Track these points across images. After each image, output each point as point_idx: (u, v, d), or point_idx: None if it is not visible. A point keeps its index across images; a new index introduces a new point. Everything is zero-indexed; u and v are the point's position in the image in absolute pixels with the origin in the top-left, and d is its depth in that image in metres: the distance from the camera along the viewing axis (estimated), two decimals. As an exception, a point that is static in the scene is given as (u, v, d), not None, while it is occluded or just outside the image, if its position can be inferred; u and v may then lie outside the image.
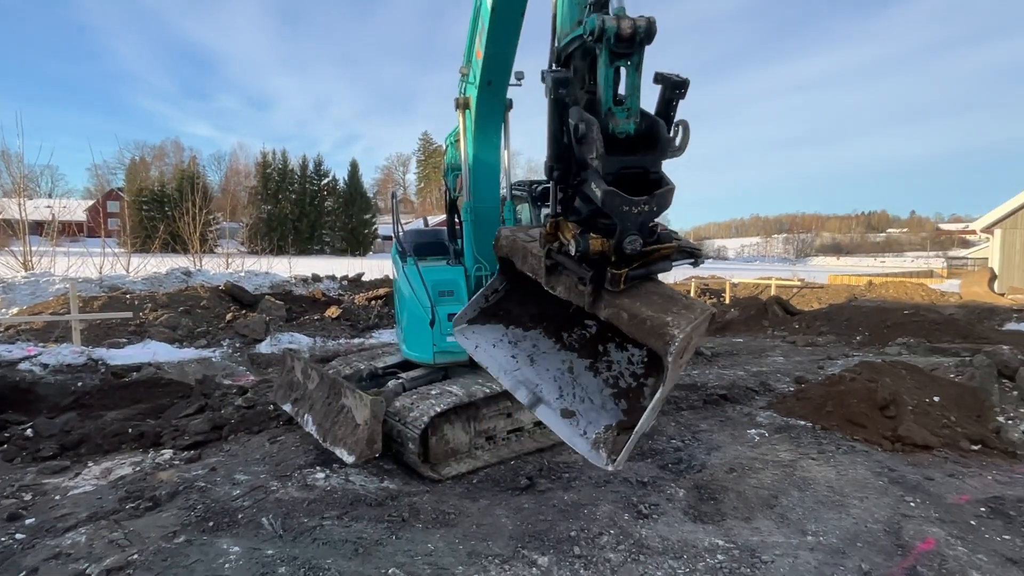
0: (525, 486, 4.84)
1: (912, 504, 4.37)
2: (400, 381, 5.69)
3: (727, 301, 17.79)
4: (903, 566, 3.55)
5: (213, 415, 6.50)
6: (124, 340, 9.35)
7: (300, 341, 10.18)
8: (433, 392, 5.30)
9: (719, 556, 3.70)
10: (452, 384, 5.45)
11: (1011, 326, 12.74)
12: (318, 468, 5.10)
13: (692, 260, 2.80)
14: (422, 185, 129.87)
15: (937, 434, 5.60)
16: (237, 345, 9.94)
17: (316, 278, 15.45)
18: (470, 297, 5.57)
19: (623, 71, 2.53)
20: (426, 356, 5.72)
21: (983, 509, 4.35)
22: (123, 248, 19.02)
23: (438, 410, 4.97)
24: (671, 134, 2.51)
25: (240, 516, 4.24)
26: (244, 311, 11.20)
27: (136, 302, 10.69)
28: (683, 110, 2.55)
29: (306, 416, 5.51)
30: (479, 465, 5.20)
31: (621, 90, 2.56)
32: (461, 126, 5.61)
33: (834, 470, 4.96)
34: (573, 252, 2.54)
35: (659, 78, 2.52)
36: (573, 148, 2.54)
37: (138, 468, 5.26)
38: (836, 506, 4.34)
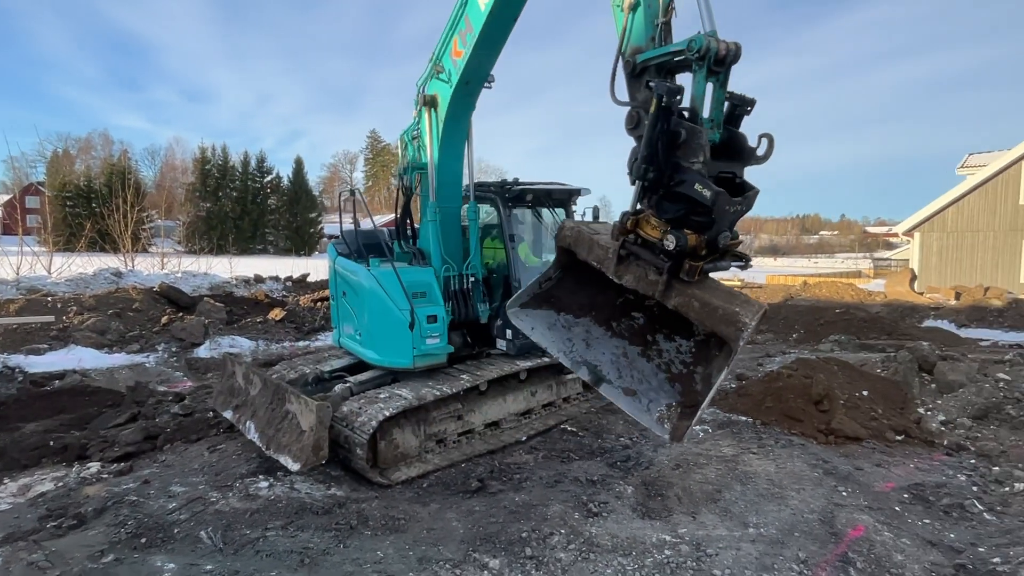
0: (476, 488, 4.82)
1: (844, 493, 4.62)
2: (347, 385, 5.56)
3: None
4: (836, 553, 3.74)
5: (146, 424, 6.15)
6: (45, 346, 8.72)
7: (242, 345, 9.78)
8: (382, 396, 5.19)
9: (666, 551, 3.79)
10: (401, 387, 5.36)
11: (929, 323, 13.68)
12: (261, 477, 4.92)
13: (742, 263, 3.10)
14: (370, 184, 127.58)
15: (866, 426, 5.94)
16: (173, 350, 9.45)
17: (259, 279, 14.89)
18: (443, 299, 5.72)
19: (709, 87, 2.87)
20: (405, 361, 5.54)
21: (906, 495, 4.65)
22: (44, 247, 17.74)
23: (387, 414, 4.89)
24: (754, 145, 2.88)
25: (176, 531, 4.03)
26: (181, 314, 10.65)
27: (59, 305, 9.98)
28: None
29: (248, 423, 5.30)
30: (429, 469, 5.14)
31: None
32: (427, 125, 5.56)
33: (773, 463, 5.17)
34: (672, 247, 2.82)
35: (731, 96, 2.88)
36: (662, 154, 2.82)
37: (61, 484, 4.91)
38: (775, 498, 4.53)
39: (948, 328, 12.99)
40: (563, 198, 6.56)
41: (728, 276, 25.34)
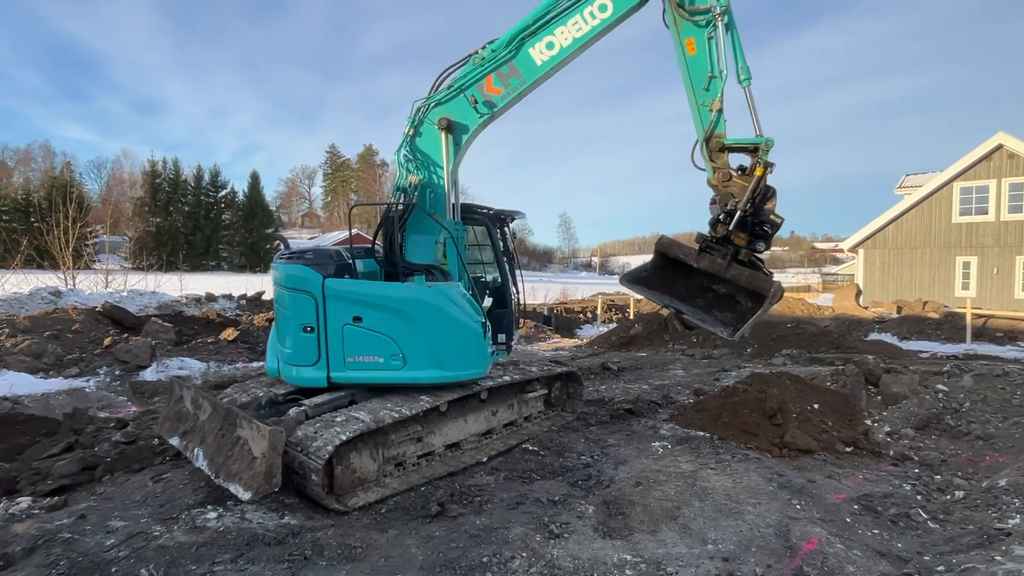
0: (436, 513, 4.72)
1: (798, 506, 4.72)
2: (303, 408, 5.33)
3: (631, 316, 18.59)
4: (791, 567, 3.81)
5: (84, 453, 5.78)
6: (-28, 371, 8.15)
7: (191, 366, 9.38)
8: (339, 419, 5.02)
9: (628, 571, 3.78)
10: (359, 410, 5.20)
11: (874, 336, 14.31)
12: (210, 507, 4.69)
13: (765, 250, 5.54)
14: (329, 199, 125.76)
15: (817, 439, 6.12)
16: (117, 373, 8.98)
17: (211, 297, 14.35)
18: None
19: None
20: (480, 370, 5.87)
21: (856, 506, 4.79)
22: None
23: (344, 438, 4.71)
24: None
25: (114, 569, 3.79)
26: (126, 335, 10.15)
27: (-11, 327, 9.37)
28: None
29: (196, 450, 5.05)
30: (388, 493, 4.99)
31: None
32: (444, 147, 5.87)
33: (730, 478, 5.26)
34: (762, 250, 5.41)
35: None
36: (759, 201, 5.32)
37: (-13, 521, 4.56)
38: (733, 513, 4.59)
39: (891, 341, 13.62)
40: (510, 219, 7.22)
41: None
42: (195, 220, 63.55)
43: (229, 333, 10.70)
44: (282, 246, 6.05)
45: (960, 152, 21.69)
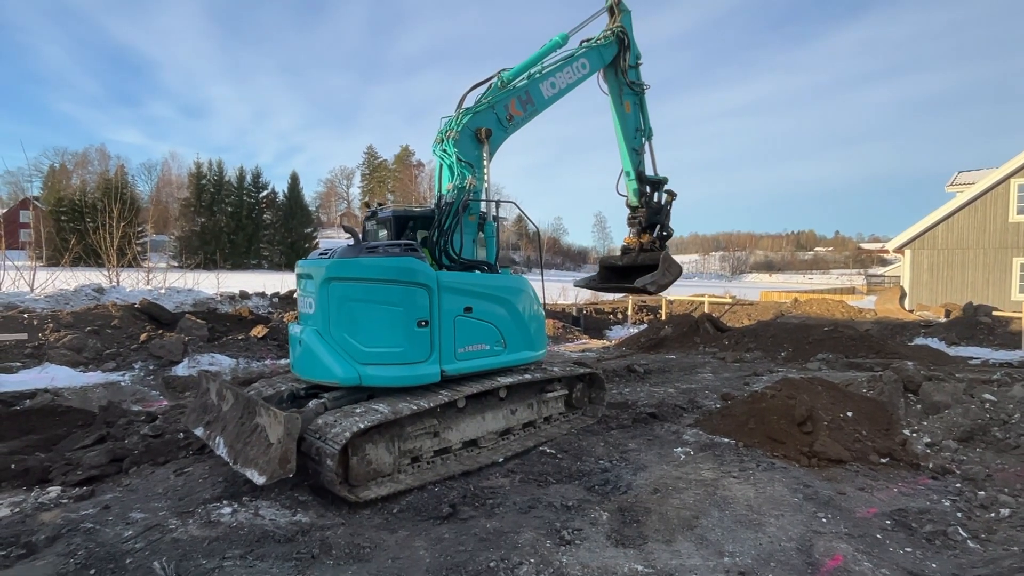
0: (447, 514, 4.67)
1: (824, 520, 4.49)
2: (322, 401, 5.32)
3: (663, 318, 18.23)
4: (812, 584, 3.61)
5: (114, 446, 5.97)
6: (18, 364, 8.53)
7: (221, 362, 9.62)
8: (357, 410, 5.02)
9: (637, 582, 3.65)
10: (378, 403, 5.17)
11: (919, 340, 13.63)
12: (225, 502, 4.76)
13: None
14: (367, 199, 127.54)
15: (850, 448, 5.82)
16: (151, 368, 9.27)
17: (244, 295, 14.71)
18: None
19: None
20: (545, 349, 6.83)
21: (888, 522, 4.52)
22: (28, 262, 17.52)
23: (361, 426, 4.70)
24: None
25: (128, 561, 3.87)
26: (161, 331, 10.48)
27: (35, 322, 9.81)
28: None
29: (218, 439, 5.16)
30: (401, 488, 4.95)
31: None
32: (486, 154, 6.59)
33: (753, 488, 5.05)
34: (665, 246, 8.80)
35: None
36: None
37: (17, 509, 4.74)
38: (753, 525, 4.40)
39: (938, 346, 12.94)
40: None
41: (719, 293, 25.37)
42: (237, 220, 65.61)
43: (259, 330, 10.92)
44: (352, 239, 5.66)
45: (1019, 147, 20.50)
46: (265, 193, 70.46)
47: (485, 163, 6.58)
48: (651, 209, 8.59)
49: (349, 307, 5.30)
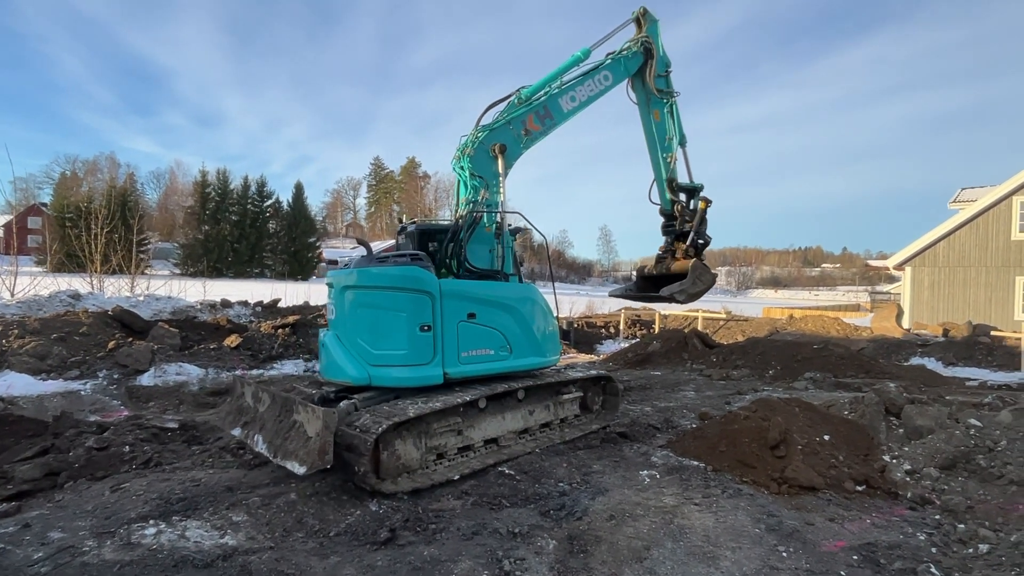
0: (385, 539, 4.40)
1: (784, 554, 4.19)
2: (352, 401, 5.64)
3: (656, 331, 17.91)
4: (759, 629, 3.31)
5: (53, 458, 5.74)
6: (-24, 371, 8.34)
7: (190, 372, 9.39)
8: (387, 409, 5.38)
9: (568, 622, 3.36)
10: (404, 402, 5.53)
11: (915, 360, 13.26)
12: (152, 522, 4.51)
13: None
14: (372, 210, 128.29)
15: (823, 475, 5.52)
16: (115, 377, 9.06)
17: (226, 303, 14.54)
18: None
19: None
20: (559, 356, 7.04)
21: (855, 557, 4.22)
22: (33, 267, 17.42)
23: (394, 420, 5.06)
24: None
25: (26, 587, 3.61)
26: (131, 339, 10.29)
27: (0, 328, 9.63)
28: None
29: (256, 436, 5.48)
30: (428, 483, 5.29)
31: None
32: (500, 169, 6.76)
33: (714, 516, 4.75)
34: (703, 257, 8.38)
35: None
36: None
37: (-68, 526, 4.49)
38: (707, 558, 4.11)
39: (934, 366, 12.58)
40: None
41: (716, 309, 25.03)
42: (241, 229, 65.80)
43: (232, 339, 10.72)
44: (364, 250, 6.28)
45: (1021, 164, 20.19)
46: (270, 202, 70.79)
47: (500, 177, 6.80)
48: (683, 217, 8.31)
49: (361, 312, 5.85)
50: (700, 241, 8.28)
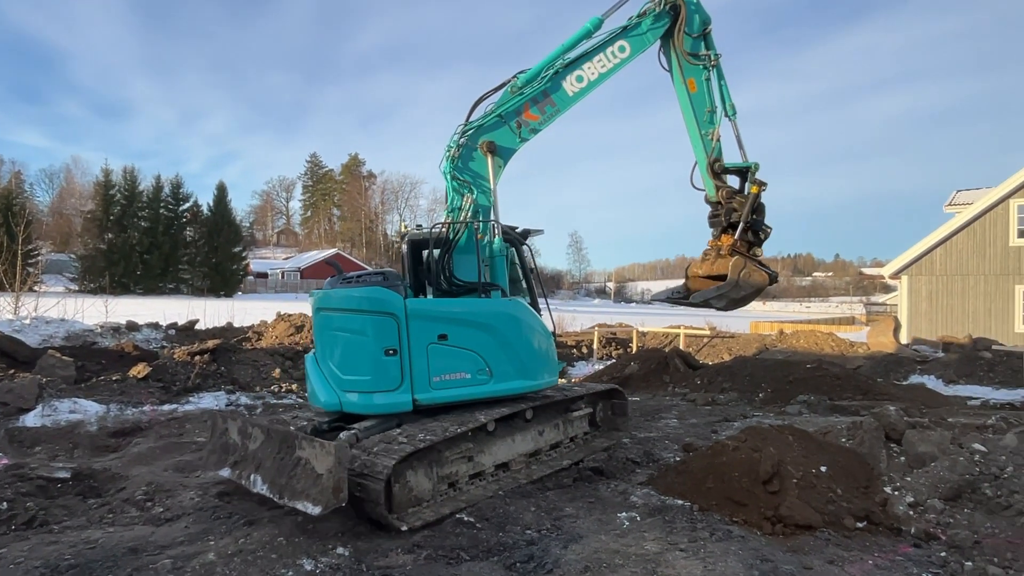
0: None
1: (780, 605, 4.21)
2: (353, 432, 5.84)
3: (634, 351, 18.11)
4: None
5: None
6: None
7: (87, 409, 8.96)
8: (390, 439, 5.60)
9: None
10: (409, 430, 5.76)
11: (914, 378, 13.77)
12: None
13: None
14: (308, 214, 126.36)
15: (821, 511, 5.61)
16: (-7, 417, 8.56)
17: (132, 326, 13.99)
18: None
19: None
20: (554, 379, 7.18)
21: (858, 604, 4.27)
22: None
23: (406, 452, 5.28)
24: None
25: None
26: (14, 371, 9.77)
27: None
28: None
29: (253, 476, 5.60)
30: (444, 513, 5.55)
31: None
32: (491, 169, 6.79)
33: (702, 564, 4.76)
34: (760, 255, 7.70)
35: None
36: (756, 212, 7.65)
37: None
38: (695, 613, 4.09)
39: (934, 385, 13.07)
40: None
41: (699, 324, 25.54)
42: (152, 237, 63.58)
43: (139, 369, 10.30)
44: (335, 271, 6.71)
45: (1017, 164, 21.40)
46: (187, 206, 68.84)
47: (491, 179, 6.82)
48: (730, 205, 7.52)
49: (329, 336, 6.23)
50: (751, 234, 7.56)
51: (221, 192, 70.38)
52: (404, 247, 7.29)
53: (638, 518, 5.76)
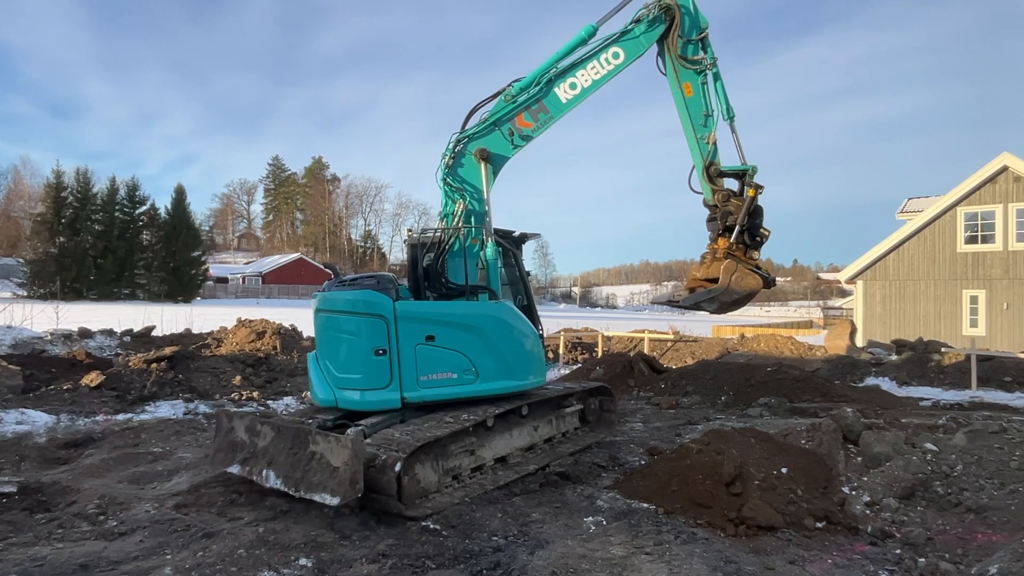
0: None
1: (744, 605, 4.27)
2: (360, 428, 6.06)
3: (599, 355, 18.24)
4: None
5: None
6: None
7: (35, 420, 8.60)
8: (399, 433, 5.93)
9: None
10: (415, 424, 6.14)
11: (870, 380, 14.18)
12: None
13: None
14: (270, 218, 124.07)
15: (783, 512, 5.72)
16: (-67, 430, 8.14)
17: (85, 333, 13.51)
18: None
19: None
20: (542, 378, 7.49)
21: (818, 603, 4.36)
22: None
23: (415, 445, 5.59)
24: None
25: None
26: (-44, 381, 9.32)
27: None
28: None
29: (265, 472, 5.78)
30: (448, 503, 5.87)
31: None
32: (484, 176, 7.04)
33: (667, 567, 4.80)
34: (756, 258, 7.86)
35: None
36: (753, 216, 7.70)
37: None
38: (660, 616, 4.12)
39: (888, 386, 13.49)
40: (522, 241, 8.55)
41: (664, 329, 25.90)
42: (107, 241, 61.49)
43: (92, 378, 9.95)
44: (332, 274, 7.20)
45: (965, 174, 22.28)
46: (143, 209, 66.82)
47: (484, 185, 7.04)
48: (726, 209, 7.64)
49: (326, 336, 6.65)
50: (748, 237, 7.65)
51: (179, 195, 68.55)
52: (407, 251, 7.55)
53: (604, 522, 5.78)
